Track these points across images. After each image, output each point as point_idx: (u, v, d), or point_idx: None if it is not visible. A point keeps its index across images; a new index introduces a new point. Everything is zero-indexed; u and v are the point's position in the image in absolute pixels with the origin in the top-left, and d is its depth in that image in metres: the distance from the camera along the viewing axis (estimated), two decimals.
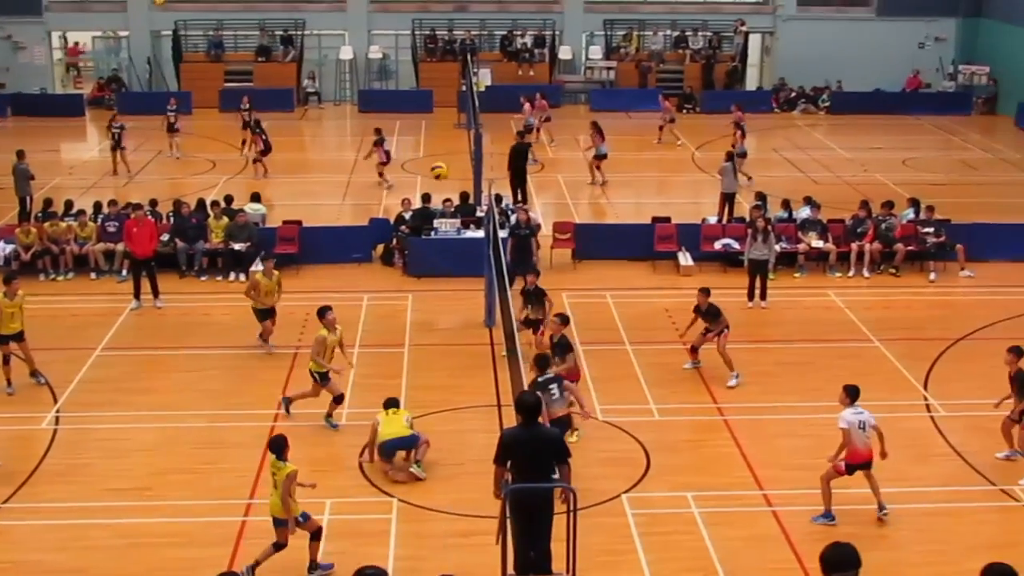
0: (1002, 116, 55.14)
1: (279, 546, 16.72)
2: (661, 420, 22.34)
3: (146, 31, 57.97)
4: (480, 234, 29.34)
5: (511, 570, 13.93)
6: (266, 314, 25.26)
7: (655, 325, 27.23)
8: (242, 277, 30.08)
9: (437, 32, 57.93)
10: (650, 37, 59.28)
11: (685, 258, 31.54)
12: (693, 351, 24.39)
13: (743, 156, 40.89)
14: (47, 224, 31.01)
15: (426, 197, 32.70)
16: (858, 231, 31.50)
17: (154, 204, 31.88)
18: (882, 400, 23.02)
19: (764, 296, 28.59)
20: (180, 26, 57.02)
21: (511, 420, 15.48)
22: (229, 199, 32.68)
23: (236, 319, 27.60)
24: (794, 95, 57.35)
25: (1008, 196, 40.05)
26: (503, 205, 31.68)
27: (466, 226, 31.51)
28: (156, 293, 28.23)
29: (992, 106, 56.46)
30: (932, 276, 30.96)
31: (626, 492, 19.42)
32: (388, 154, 40.18)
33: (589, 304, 28.50)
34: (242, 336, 26.23)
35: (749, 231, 29.06)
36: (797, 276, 31.05)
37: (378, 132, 40.35)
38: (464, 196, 33.36)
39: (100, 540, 17.94)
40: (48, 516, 18.70)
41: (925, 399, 23.33)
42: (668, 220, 32.78)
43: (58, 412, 22.45)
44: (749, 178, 39.67)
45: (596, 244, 32.15)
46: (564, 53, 59.15)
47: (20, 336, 23.42)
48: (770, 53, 60.75)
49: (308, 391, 21.89)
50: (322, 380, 21.64)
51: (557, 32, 58.82)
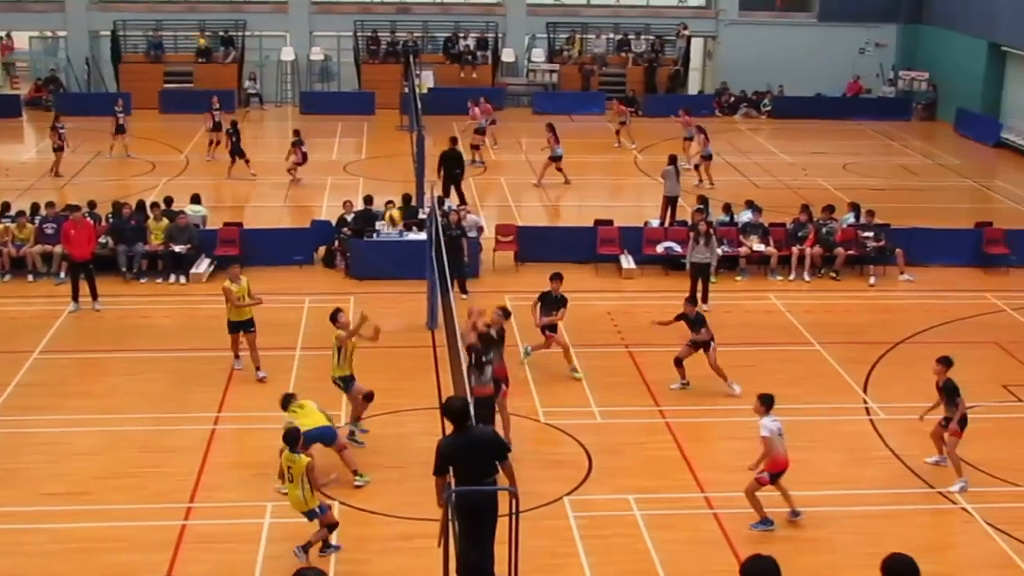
0: (941, 122, 55.59)
1: (332, 527, 17.22)
2: (603, 423, 22.37)
3: (84, 31, 57.41)
4: (422, 236, 29.31)
5: (453, 573, 13.88)
6: (240, 326, 24.04)
7: (597, 328, 27.26)
8: (182, 279, 29.93)
9: (379, 34, 57.77)
10: (593, 40, 59.41)
11: (627, 261, 31.61)
12: (678, 365, 23.75)
13: (709, 158, 41.17)
14: None
15: (368, 199, 32.62)
16: (799, 235, 31.67)
17: (92, 206, 31.62)
18: (822, 403, 23.27)
19: (706, 299, 28.67)
20: (119, 26, 56.49)
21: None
22: (169, 201, 32.46)
23: (176, 322, 27.47)
24: (736, 99, 57.61)
25: (947, 201, 40.40)
26: (445, 207, 31.63)
27: (408, 228, 31.43)
28: (95, 295, 28.00)
29: (932, 112, 56.88)
30: (872, 280, 31.16)
31: (568, 495, 19.43)
32: (305, 155, 40.49)
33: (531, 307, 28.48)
34: (183, 339, 26.08)
35: (691, 234, 29.15)
36: (738, 279, 31.19)
37: (296, 133, 41.16)
38: (406, 198, 33.29)
39: (38, 545, 17.76)
40: None
41: (865, 402, 23.47)
42: (611, 223, 32.82)
43: None
44: (712, 183, 39.93)
45: (538, 247, 32.14)
46: (507, 56, 59.14)
47: None
48: (712, 57, 61.01)
49: (354, 398, 21.36)
50: (346, 386, 21.21)
51: (500, 35, 58.84)
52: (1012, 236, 33.12)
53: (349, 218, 32.08)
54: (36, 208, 31.82)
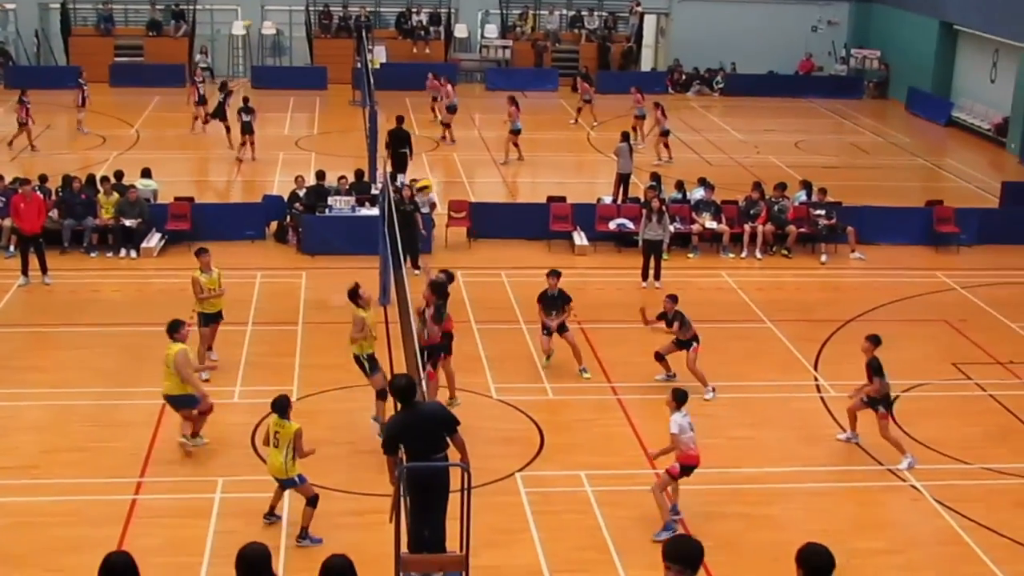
0: (893, 100, 55.90)
1: (313, 501, 16.97)
2: (555, 399, 22.38)
3: (34, 3, 56.71)
4: (375, 212, 29.22)
5: (405, 548, 13.86)
6: (213, 319, 23.10)
7: None
8: (133, 254, 29.75)
9: (331, 8, 57.54)
10: (546, 17, 59.42)
11: (580, 238, 31.62)
12: (660, 359, 23.11)
13: (666, 135, 41.17)
14: None
15: (320, 175, 32.48)
16: (751, 213, 31.75)
17: (43, 180, 31.32)
18: (773, 381, 23.38)
19: (658, 276, 28.73)
20: None
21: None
22: (120, 175, 32.24)
23: (126, 296, 27.32)
24: (688, 77, 57.68)
25: (898, 180, 40.61)
26: (398, 183, 31.52)
27: (361, 204, 31.32)
28: (44, 269, 27.79)
29: (883, 90, 57.19)
30: (823, 258, 31.30)
31: (520, 471, 19.43)
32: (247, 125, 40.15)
33: (484, 283, 28.50)
34: (132, 314, 25.93)
35: (644, 211, 29.16)
36: (691, 257, 31.25)
37: (245, 101, 40.64)
38: (359, 174, 33.17)
39: None
40: None
41: (815, 380, 23.57)
42: (563, 200, 32.81)
43: None
44: (671, 158, 40.00)
45: (491, 223, 32.11)
46: (460, 31, 59.03)
47: None
48: (665, 34, 61.08)
49: (373, 383, 20.53)
50: (371, 368, 20.36)
51: (453, 10, 58.67)
52: (962, 215, 33.32)
53: (301, 193, 31.94)
54: None
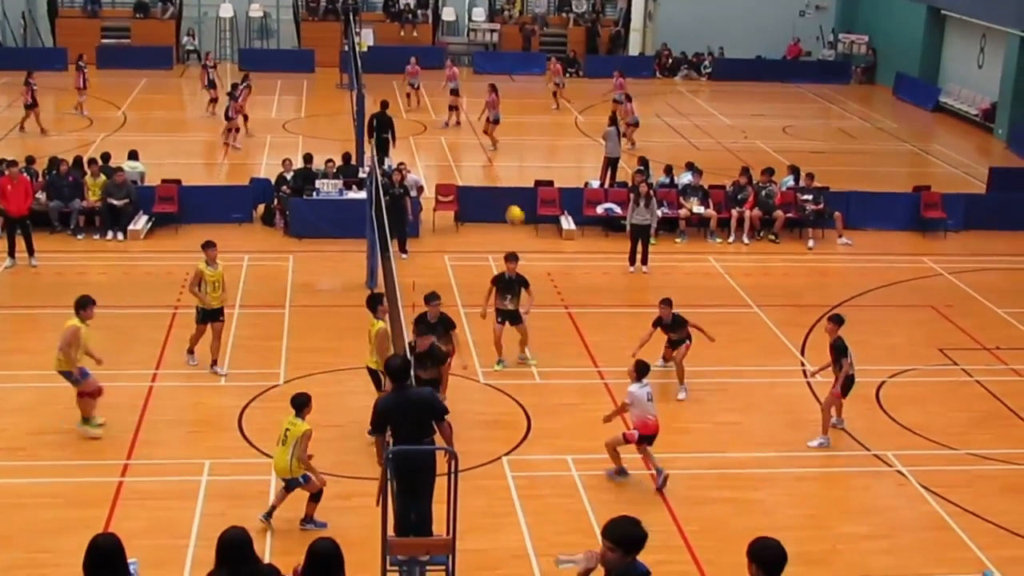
0: (880, 86, 55.96)
1: (316, 496, 16.85)
2: (542, 383, 22.39)
3: None
4: (362, 195, 29.21)
5: (391, 532, 13.87)
6: (210, 316, 22.07)
7: (537, 289, 27.07)
8: (120, 236, 29.69)
9: None
10: (534, 0, 59.22)
11: (567, 222, 31.60)
12: (667, 360, 22.75)
13: (635, 125, 41.12)
14: None
15: (307, 158, 32.41)
16: (739, 197, 31.77)
17: (30, 161, 31.24)
18: (759, 365, 23.41)
19: (645, 261, 28.75)
20: None
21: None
22: (106, 157, 32.17)
23: (113, 279, 27.28)
24: (676, 61, 57.66)
25: (885, 165, 40.65)
26: (386, 167, 31.49)
27: (348, 187, 31.28)
28: (31, 251, 27.74)
29: (871, 76, 57.24)
30: (810, 243, 31.34)
31: (506, 455, 19.46)
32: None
33: (471, 267, 28.47)
34: (120, 296, 25.87)
35: (631, 196, 29.17)
36: (678, 242, 31.26)
37: (245, 78, 40.81)
38: (346, 157, 33.12)
39: None
40: None
41: (802, 365, 23.60)
42: (551, 184, 32.80)
43: None
44: (632, 144, 39.91)
45: (479, 207, 32.06)
46: (447, 15, 58.97)
47: None
48: (653, 18, 60.91)
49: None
50: (383, 384, 19.60)
51: None
52: (949, 200, 33.36)
53: (288, 176, 31.89)
54: None
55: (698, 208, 31.75)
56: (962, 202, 33.56)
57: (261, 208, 31.82)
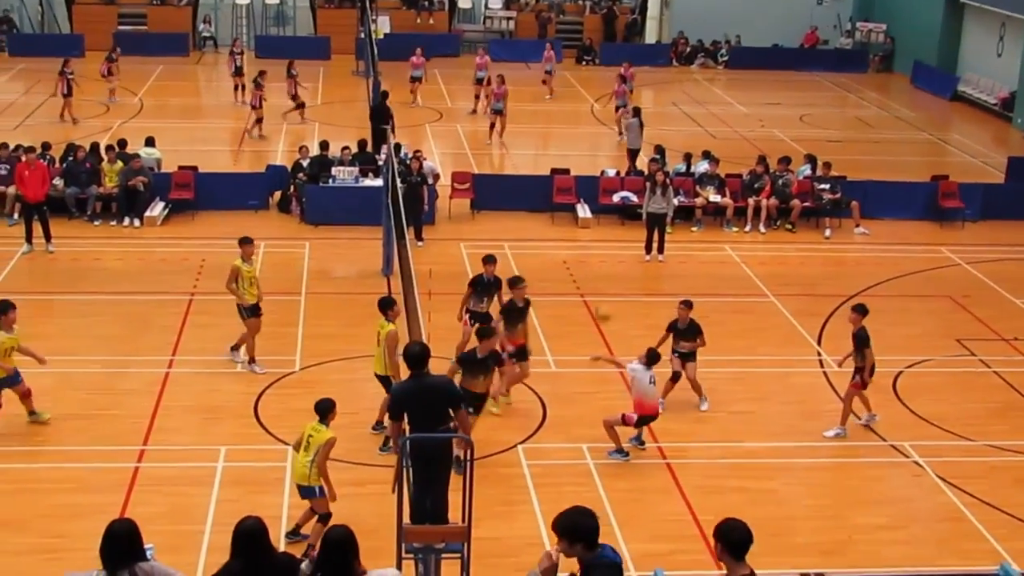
0: (898, 74, 55.75)
1: (324, 518, 15.91)
2: (558, 372, 22.36)
3: None
4: (378, 183, 29.19)
5: (407, 519, 13.87)
6: (252, 311, 21.84)
7: (553, 277, 27.22)
8: (136, 223, 29.71)
9: None
10: None
11: (583, 210, 31.55)
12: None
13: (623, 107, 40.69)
14: None
15: (324, 145, 32.39)
16: (755, 186, 31.68)
17: (46, 148, 31.27)
18: (775, 355, 23.37)
19: (661, 250, 28.70)
20: None
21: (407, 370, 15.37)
22: (123, 143, 32.18)
23: (129, 265, 27.31)
24: (692, 49, 57.52)
25: (902, 154, 40.54)
26: (402, 154, 31.48)
27: (364, 174, 31.26)
28: (48, 237, 27.77)
29: (888, 64, 57.03)
30: (827, 233, 31.24)
31: (522, 443, 19.44)
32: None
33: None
34: (135, 282, 25.94)
35: (648, 184, 29.11)
36: (694, 230, 31.19)
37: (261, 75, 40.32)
38: (362, 144, 33.10)
39: None
40: None
41: (818, 355, 23.55)
42: (567, 172, 32.76)
43: None
44: (621, 134, 39.56)
45: (495, 195, 32.04)
46: (463, 2, 58.91)
47: None
48: (669, 6, 60.77)
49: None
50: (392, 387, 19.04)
51: None
52: (967, 190, 33.25)
53: (304, 163, 31.88)
54: None
55: (714, 197, 31.67)
56: (980, 192, 33.43)
57: (277, 195, 31.82)
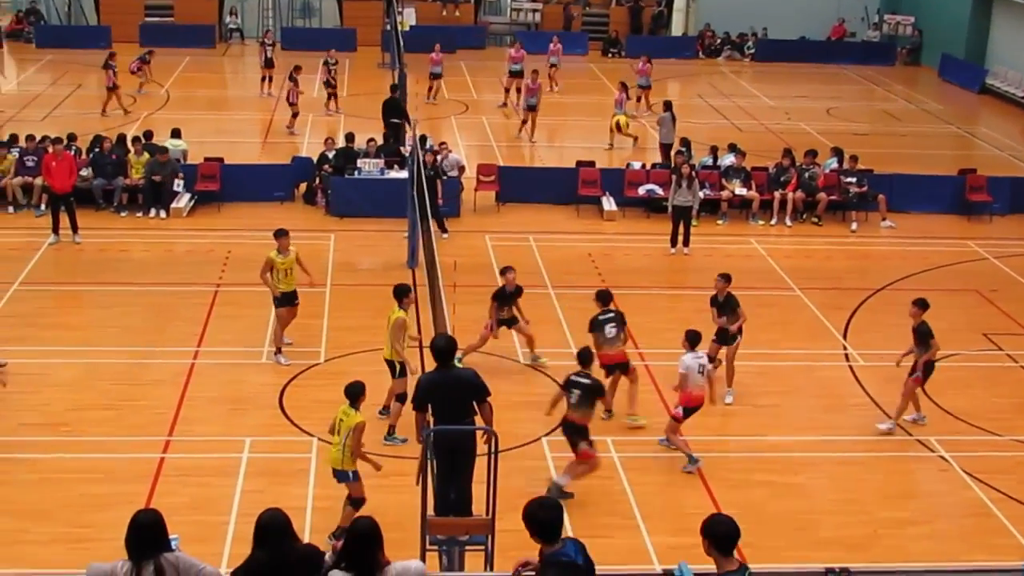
0: (925, 67, 55.54)
1: (357, 502, 16.01)
2: None
3: None
4: (403, 175, 29.20)
5: (431, 511, 13.88)
6: (286, 300, 22.04)
7: (577, 269, 27.21)
8: (162, 214, 29.79)
9: None
10: None
11: (609, 203, 31.51)
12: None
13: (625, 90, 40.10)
14: None
15: (349, 137, 32.42)
16: (781, 179, 31.59)
17: (72, 139, 31.37)
18: (801, 348, 23.30)
19: (687, 243, 28.64)
20: None
21: (432, 362, 15.38)
22: (149, 135, 32.26)
23: (155, 256, 27.40)
24: (719, 42, 57.40)
25: (930, 148, 40.35)
26: (427, 146, 31.49)
27: (389, 166, 31.27)
28: (75, 228, 27.86)
29: (916, 57, 56.81)
30: (853, 226, 31.13)
31: (546, 435, 19.41)
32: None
33: (512, 247, 28.43)
34: (161, 273, 26.02)
35: (673, 177, 29.07)
36: (720, 223, 31.12)
37: (297, 70, 40.07)
38: (387, 136, 33.08)
39: (14, 475, 17.71)
40: None
41: (844, 348, 23.48)
42: (592, 165, 32.73)
43: None
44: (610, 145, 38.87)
45: (520, 187, 32.04)
46: None
47: None
48: None
49: (396, 384, 19.44)
50: (400, 372, 19.30)
51: None
52: (995, 183, 33.10)
53: (330, 155, 31.90)
54: (15, 139, 31.67)
55: (740, 190, 31.60)
56: (1008, 185, 33.26)
57: (302, 187, 31.86)
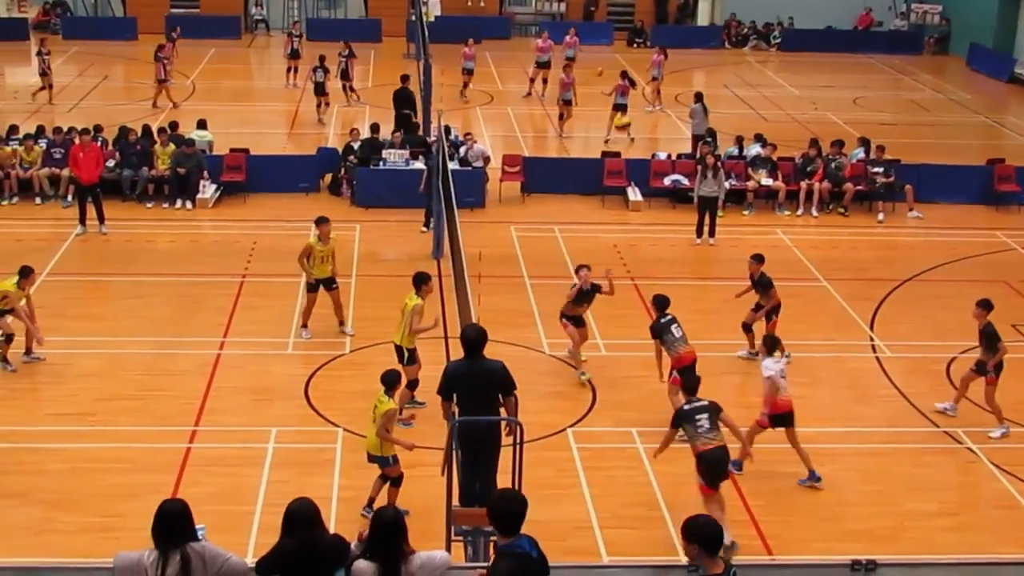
0: (953, 56, 55.27)
1: (396, 481, 16.37)
2: (608, 356, 22.29)
3: None
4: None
5: (456, 501, 13.89)
6: (318, 286, 22.36)
7: (603, 260, 27.02)
8: (188, 205, 29.87)
9: None
10: None
11: (634, 194, 31.46)
12: (747, 330, 22.23)
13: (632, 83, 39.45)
14: None
15: (374, 127, 32.42)
16: (807, 170, 31.48)
17: (99, 130, 31.44)
18: (827, 340, 23.21)
19: (712, 233, 28.57)
20: None
21: (458, 352, 15.37)
22: (174, 126, 32.33)
23: (181, 246, 27.47)
24: (745, 31, 57.24)
25: (957, 137, 40.17)
26: (452, 137, 31.46)
27: (414, 157, 31.26)
28: (101, 219, 27.95)
29: (944, 46, 56.53)
30: (880, 217, 31.00)
31: (571, 426, 19.43)
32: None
33: (537, 238, 28.43)
34: (187, 264, 26.09)
35: (699, 168, 29.01)
36: (746, 214, 31.04)
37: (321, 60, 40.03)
38: (412, 127, 33.09)
39: (42, 464, 17.79)
40: None
41: (871, 339, 23.40)
42: (618, 155, 32.69)
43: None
44: (632, 139, 38.01)
45: (545, 178, 32.01)
46: None
47: None
48: None
49: (408, 371, 19.33)
50: (410, 359, 19.46)
51: None
52: None
53: (355, 146, 31.92)
54: (41, 131, 31.79)
55: (766, 180, 31.50)
56: None
57: (328, 178, 31.89)
